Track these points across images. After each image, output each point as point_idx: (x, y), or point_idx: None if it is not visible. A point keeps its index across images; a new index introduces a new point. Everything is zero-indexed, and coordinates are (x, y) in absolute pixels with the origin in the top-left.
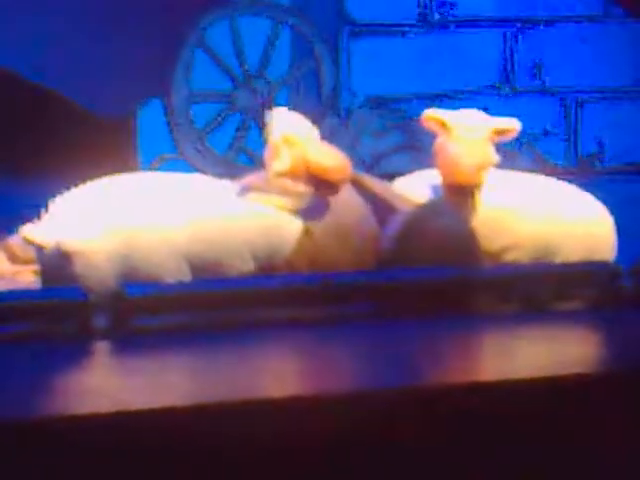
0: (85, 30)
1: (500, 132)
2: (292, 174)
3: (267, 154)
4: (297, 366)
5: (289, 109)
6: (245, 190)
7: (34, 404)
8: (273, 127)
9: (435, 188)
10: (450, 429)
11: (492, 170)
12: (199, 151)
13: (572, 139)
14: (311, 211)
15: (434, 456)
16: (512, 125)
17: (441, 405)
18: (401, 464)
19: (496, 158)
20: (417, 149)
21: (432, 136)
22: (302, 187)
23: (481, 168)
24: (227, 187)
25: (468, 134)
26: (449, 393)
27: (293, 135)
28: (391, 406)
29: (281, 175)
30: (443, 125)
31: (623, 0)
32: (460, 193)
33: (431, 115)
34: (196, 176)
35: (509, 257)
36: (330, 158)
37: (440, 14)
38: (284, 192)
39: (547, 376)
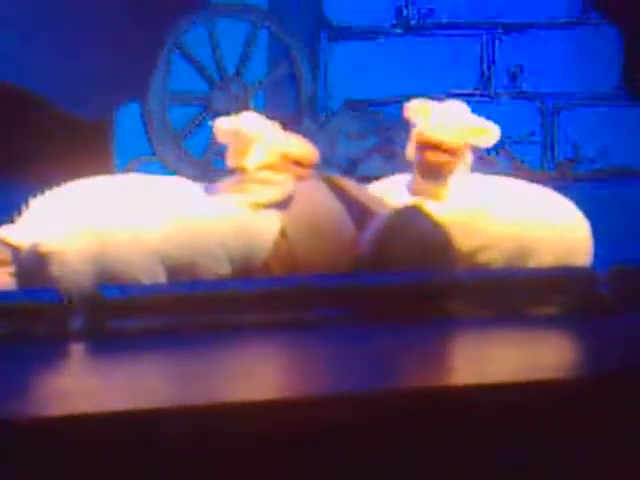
0: (63, 33)
1: (477, 131)
2: (269, 165)
3: (232, 156)
4: (274, 369)
5: (259, 112)
6: (222, 192)
7: (9, 405)
8: (232, 130)
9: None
10: (424, 432)
11: (469, 173)
12: (176, 154)
13: (549, 143)
14: (288, 214)
15: (405, 458)
16: (491, 128)
17: (415, 408)
18: (375, 466)
19: (469, 160)
20: (394, 153)
21: (408, 139)
22: (281, 177)
23: (453, 151)
24: (203, 189)
25: (446, 119)
26: (424, 396)
27: (256, 132)
28: (365, 409)
29: (259, 168)
30: (425, 112)
31: (601, 5)
32: (430, 174)
33: (415, 104)
34: (172, 178)
35: (483, 257)
36: (300, 143)
37: (419, 18)
38: (266, 184)
39: (521, 381)
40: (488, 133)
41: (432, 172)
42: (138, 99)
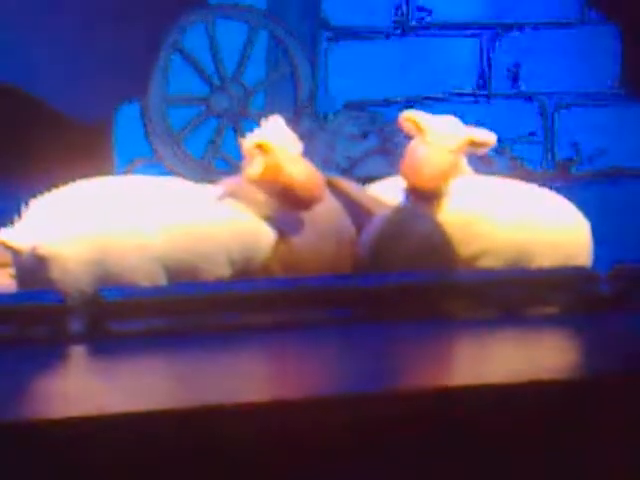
0: (61, 34)
1: (475, 144)
2: (262, 182)
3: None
4: (273, 370)
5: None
6: (220, 195)
7: (9, 408)
8: (255, 133)
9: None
10: (424, 432)
11: (468, 175)
12: (176, 155)
13: (549, 144)
14: (287, 216)
15: (404, 459)
16: (488, 139)
17: (415, 408)
18: (375, 466)
19: (466, 169)
20: (393, 154)
21: (408, 141)
22: (268, 197)
23: (444, 177)
24: (203, 191)
25: (440, 141)
26: (424, 397)
27: (269, 143)
28: (365, 409)
29: (252, 181)
30: (418, 128)
31: (601, 5)
32: (419, 198)
33: (409, 116)
34: (172, 180)
35: (484, 262)
36: (303, 174)
37: (417, 19)
38: (251, 199)
39: (521, 381)
40: (485, 142)
41: (421, 196)
42: (138, 100)
